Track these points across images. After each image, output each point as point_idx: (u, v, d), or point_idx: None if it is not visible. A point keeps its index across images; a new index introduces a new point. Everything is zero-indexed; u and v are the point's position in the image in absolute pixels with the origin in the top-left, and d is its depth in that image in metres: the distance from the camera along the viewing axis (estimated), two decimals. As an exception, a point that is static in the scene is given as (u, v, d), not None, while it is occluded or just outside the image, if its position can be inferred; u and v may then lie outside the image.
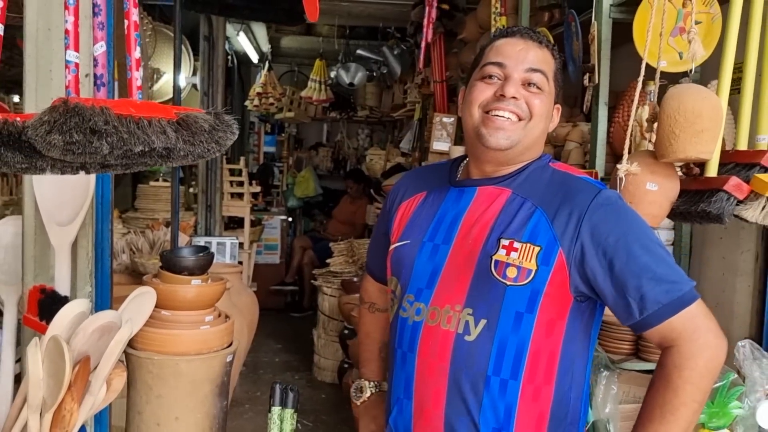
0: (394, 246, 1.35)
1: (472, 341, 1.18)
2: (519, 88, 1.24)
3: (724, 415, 1.39)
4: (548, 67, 1.27)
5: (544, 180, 1.25)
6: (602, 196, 1.19)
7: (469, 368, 1.18)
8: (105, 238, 1.87)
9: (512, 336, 1.17)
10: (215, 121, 1.28)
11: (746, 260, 2.29)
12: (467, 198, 1.28)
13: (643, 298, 1.10)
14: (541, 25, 3.14)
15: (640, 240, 1.14)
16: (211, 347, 1.98)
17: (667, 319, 1.10)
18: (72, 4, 1.26)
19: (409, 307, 1.27)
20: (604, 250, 1.13)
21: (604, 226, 1.15)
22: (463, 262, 1.22)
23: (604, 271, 1.13)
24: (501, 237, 1.19)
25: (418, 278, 1.27)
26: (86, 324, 1.46)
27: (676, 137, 1.40)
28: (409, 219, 1.36)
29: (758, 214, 1.39)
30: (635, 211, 1.21)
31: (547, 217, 1.18)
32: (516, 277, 1.16)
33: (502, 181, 1.26)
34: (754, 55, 1.50)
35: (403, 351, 1.27)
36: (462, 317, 1.19)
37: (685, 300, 1.11)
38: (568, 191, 1.20)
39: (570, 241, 1.15)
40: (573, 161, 2.77)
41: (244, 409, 4.00)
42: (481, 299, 1.18)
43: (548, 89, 1.26)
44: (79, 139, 1.14)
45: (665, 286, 1.10)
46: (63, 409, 1.42)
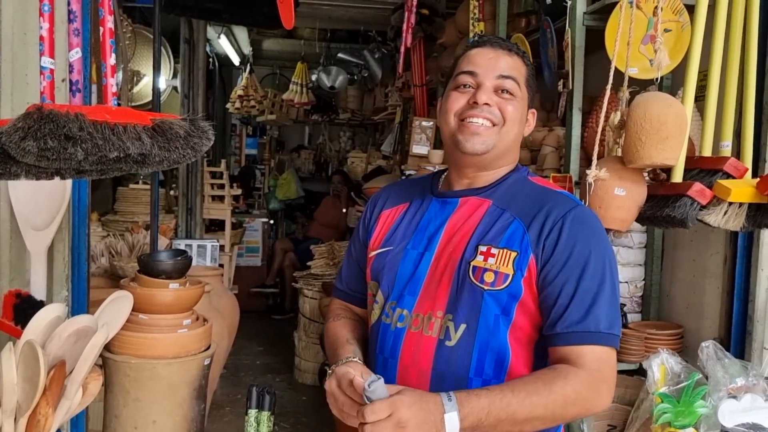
0: (376, 252, 1.37)
1: (452, 346, 1.21)
2: (491, 95, 1.27)
3: (689, 414, 1.43)
4: (519, 74, 1.30)
5: (524, 192, 1.28)
6: (580, 210, 1.23)
7: (450, 372, 1.21)
8: (82, 243, 1.87)
9: (492, 339, 1.20)
10: (191, 128, 1.30)
11: (715, 262, 2.35)
12: (450, 208, 1.31)
13: (561, 315, 1.14)
14: (518, 31, 3.18)
15: (603, 266, 1.16)
16: (189, 350, 1.99)
17: (573, 345, 1.13)
18: (47, 10, 1.26)
19: (392, 313, 1.29)
20: (567, 253, 1.16)
21: (575, 236, 1.18)
22: (444, 269, 1.25)
23: (561, 272, 1.16)
24: (479, 244, 1.22)
25: (401, 285, 1.29)
26: (62, 328, 1.46)
27: (643, 144, 1.44)
28: (391, 227, 1.38)
29: (720, 218, 1.44)
30: (608, 240, 1.24)
31: (524, 226, 1.21)
32: (493, 282, 1.19)
33: (482, 192, 1.29)
34: (718, 65, 1.55)
35: (385, 357, 1.29)
36: (443, 323, 1.22)
37: (599, 338, 1.13)
38: (546, 202, 1.23)
39: (540, 245, 1.19)
40: (548, 165, 2.82)
41: (225, 411, 4.00)
42: (460, 305, 1.21)
43: (520, 95, 1.29)
44: (54, 146, 1.15)
45: (592, 316, 1.13)
46: (38, 414, 1.42)
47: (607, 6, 2.25)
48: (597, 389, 1.13)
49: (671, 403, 1.43)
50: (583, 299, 1.14)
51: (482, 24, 3.54)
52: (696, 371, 1.47)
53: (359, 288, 1.43)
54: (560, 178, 2.34)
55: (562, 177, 2.31)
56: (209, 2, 3.27)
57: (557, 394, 1.11)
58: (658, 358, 1.52)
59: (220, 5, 3.31)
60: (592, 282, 1.15)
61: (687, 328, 2.44)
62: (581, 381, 1.12)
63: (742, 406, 1.33)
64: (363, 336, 1.40)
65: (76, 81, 1.35)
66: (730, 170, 1.46)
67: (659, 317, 2.61)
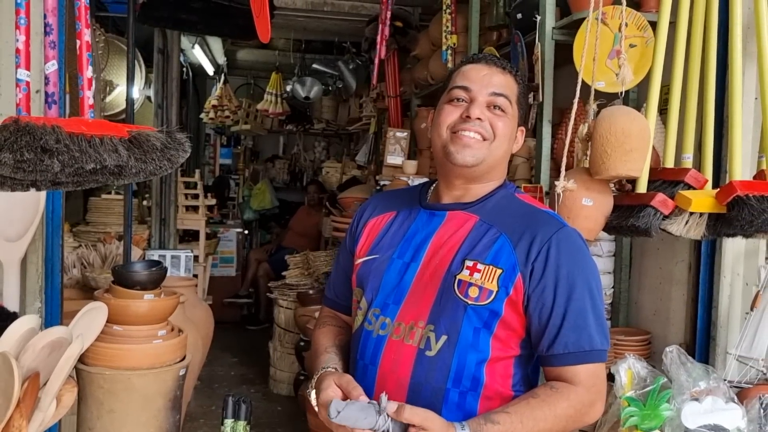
0: (362, 260, 1.39)
1: (432, 356, 1.23)
2: (483, 110, 1.30)
3: (655, 417, 1.48)
4: (511, 92, 1.34)
5: (511, 209, 1.31)
6: (566, 230, 1.26)
7: (428, 382, 1.23)
8: (55, 254, 1.87)
9: (471, 351, 1.22)
10: (167, 140, 1.32)
11: (681, 270, 2.42)
12: (437, 221, 1.33)
13: (556, 337, 1.19)
14: (490, 44, 3.25)
15: (588, 285, 1.21)
16: (164, 361, 2.00)
17: (570, 366, 1.19)
18: (23, 23, 1.28)
19: (375, 320, 1.31)
20: (555, 277, 1.19)
21: (562, 258, 1.21)
22: (429, 281, 1.27)
23: (547, 294, 1.19)
24: (466, 258, 1.25)
25: (385, 293, 1.31)
26: (36, 340, 1.46)
27: (608, 156, 1.50)
28: (377, 235, 1.40)
29: (682, 228, 1.49)
30: (592, 259, 1.28)
31: (511, 243, 1.24)
32: (477, 297, 1.21)
33: (470, 207, 1.32)
34: (679, 80, 1.61)
35: (365, 363, 1.31)
36: (424, 333, 1.24)
37: (592, 356, 1.19)
38: (533, 221, 1.26)
39: (529, 266, 1.22)
40: (520, 175, 2.88)
41: (199, 423, 3.96)
42: (442, 316, 1.23)
43: (511, 112, 1.33)
44: (30, 158, 1.16)
45: (584, 335, 1.18)
46: (11, 426, 1.41)
47: (575, 22, 2.31)
48: (593, 404, 1.20)
49: (638, 407, 1.48)
50: (575, 320, 1.19)
51: (455, 37, 3.60)
52: (661, 376, 1.52)
53: (346, 296, 1.45)
54: (531, 188, 2.39)
55: (533, 187, 2.36)
56: (184, 13, 3.28)
57: (561, 417, 1.16)
58: (625, 363, 1.57)
59: (196, 16, 3.33)
60: (581, 302, 1.19)
61: (654, 334, 2.51)
62: (581, 399, 1.18)
63: (704, 408, 1.38)
64: (347, 342, 1.42)
65: (52, 93, 1.36)
66: (691, 181, 1.52)
67: (628, 324, 2.68)
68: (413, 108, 4.54)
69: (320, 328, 1.48)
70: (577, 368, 1.18)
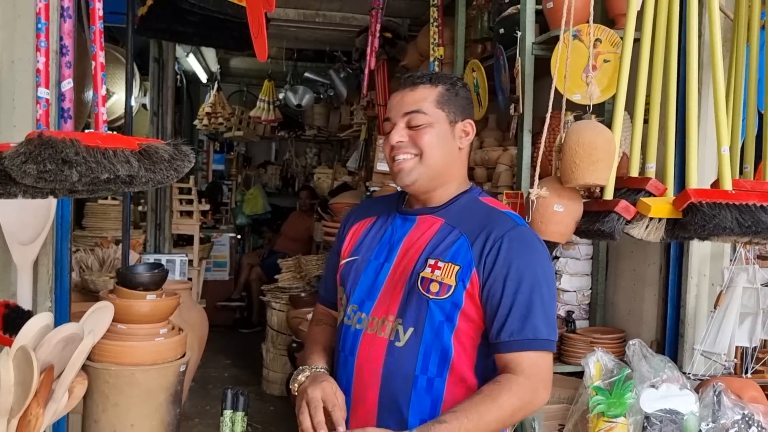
0: (345, 261, 1.52)
1: (401, 347, 1.36)
2: (403, 133, 1.41)
3: (620, 405, 1.61)
4: (425, 101, 1.41)
5: (473, 211, 1.41)
6: (518, 230, 1.36)
7: (399, 370, 1.35)
8: (64, 257, 1.98)
9: (436, 341, 1.34)
10: (174, 151, 1.45)
11: (652, 272, 2.56)
12: (409, 225, 1.45)
13: (504, 322, 1.30)
14: (475, 56, 3.39)
15: (536, 280, 1.31)
16: (166, 358, 2.11)
17: (514, 351, 1.29)
18: (43, 46, 1.40)
19: (353, 315, 1.44)
20: (507, 270, 1.31)
21: (512, 254, 1.32)
22: (399, 279, 1.40)
23: (497, 285, 1.31)
24: (429, 257, 1.37)
25: (362, 291, 1.44)
26: (51, 335, 1.58)
27: (577, 166, 1.64)
28: (358, 239, 1.52)
29: (643, 231, 1.63)
30: (547, 256, 1.38)
31: (469, 242, 1.35)
32: (438, 292, 1.34)
33: (437, 211, 1.44)
34: (642, 96, 1.76)
35: (345, 354, 1.44)
36: (394, 326, 1.37)
37: (536, 344, 1.29)
38: (490, 221, 1.37)
39: (482, 262, 1.34)
40: (503, 182, 3.02)
41: (194, 423, 4.07)
42: (409, 310, 1.36)
43: (433, 119, 1.40)
44: (52, 169, 1.28)
45: (529, 325, 1.28)
46: (29, 415, 1.53)
47: (553, 38, 2.45)
48: (536, 391, 1.30)
49: (604, 395, 1.62)
50: (521, 311, 1.29)
51: (442, 49, 3.74)
52: (626, 367, 1.66)
53: (335, 294, 1.58)
54: (513, 194, 2.53)
55: (514, 194, 2.50)
56: (181, 26, 3.40)
57: (505, 407, 1.27)
58: (594, 356, 1.71)
59: (192, 29, 3.44)
60: (527, 295, 1.30)
61: (629, 333, 2.65)
62: (522, 388, 1.28)
63: (660, 394, 1.52)
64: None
65: (68, 108, 1.49)
66: (651, 189, 1.66)
67: (604, 323, 2.82)
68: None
69: (316, 325, 1.62)
70: (521, 355, 1.28)
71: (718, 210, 1.53)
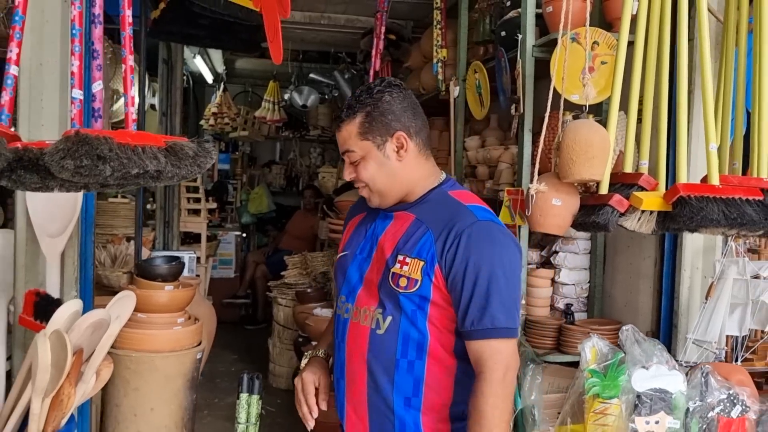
0: (338, 256, 1.63)
1: (382, 334, 1.46)
2: (351, 169, 1.51)
3: (614, 387, 1.71)
4: (350, 139, 1.48)
5: (441, 206, 1.48)
6: (480, 224, 1.41)
7: (381, 355, 1.46)
8: (88, 249, 2.10)
9: (412, 328, 1.44)
10: (198, 148, 1.55)
11: (647, 265, 2.67)
12: (388, 221, 1.53)
13: (467, 311, 1.38)
14: (477, 58, 3.50)
15: (492, 271, 1.37)
16: (183, 345, 2.23)
17: (478, 339, 1.38)
18: (77, 51, 1.51)
19: (342, 306, 1.55)
20: (466, 263, 1.38)
21: (470, 248, 1.38)
22: (377, 272, 1.50)
23: (458, 278, 1.39)
24: (398, 253, 1.46)
25: (348, 283, 1.55)
26: (81, 321, 1.69)
27: (573, 162, 1.74)
28: (350, 234, 1.63)
29: (635, 223, 1.74)
30: (511, 248, 1.43)
31: (433, 237, 1.42)
32: (406, 286, 1.42)
33: (411, 207, 1.51)
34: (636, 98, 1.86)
35: (338, 341, 1.56)
36: (375, 315, 1.47)
37: (495, 333, 1.37)
38: (454, 216, 1.43)
39: (444, 257, 1.40)
40: (504, 180, 3.13)
41: (203, 415, 4.18)
42: (387, 301, 1.46)
43: (362, 152, 1.47)
44: (88, 164, 1.39)
45: (488, 314, 1.36)
46: (62, 394, 1.64)
47: (552, 40, 2.55)
48: (503, 379, 1.37)
49: (599, 378, 1.72)
50: (479, 301, 1.37)
51: (445, 50, 3.85)
52: (620, 352, 1.76)
53: None
54: (514, 191, 2.64)
55: (515, 190, 2.61)
56: (192, 29, 3.51)
57: (491, 413, 1.35)
58: (589, 342, 1.81)
59: (203, 31, 3.55)
60: (485, 287, 1.36)
61: (625, 324, 2.71)
62: (490, 384, 1.36)
63: (650, 374, 1.62)
64: None
65: (98, 108, 1.59)
66: (643, 184, 1.77)
67: (602, 315, 2.92)
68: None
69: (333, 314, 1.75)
70: (482, 344, 1.37)
71: (706, 203, 1.64)
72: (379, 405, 1.46)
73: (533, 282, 2.94)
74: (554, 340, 2.78)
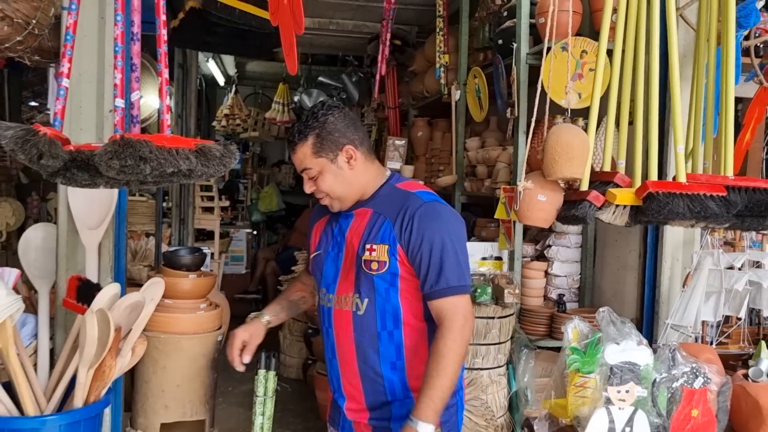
0: (313, 255, 1.85)
1: (362, 314, 1.69)
2: (310, 183, 1.73)
3: (592, 363, 1.91)
4: (305, 158, 1.70)
5: (391, 197, 1.72)
6: (427, 205, 1.67)
7: (365, 331, 1.70)
8: (121, 240, 2.32)
9: (387, 304, 1.68)
10: (224, 150, 1.77)
11: (633, 258, 2.88)
12: (350, 219, 1.75)
13: (426, 277, 1.63)
14: (477, 64, 3.70)
15: (443, 240, 1.63)
16: (206, 328, 2.45)
17: (438, 298, 1.63)
18: (120, 65, 1.73)
19: (324, 296, 1.78)
20: (420, 239, 1.63)
21: (422, 226, 1.64)
22: (350, 264, 1.72)
23: (416, 252, 1.64)
24: (366, 243, 1.69)
25: (326, 277, 1.77)
26: (120, 302, 1.92)
27: (556, 162, 1.95)
28: (319, 236, 1.84)
29: (610, 216, 1.94)
30: (455, 221, 1.69)
31: (391, 224, 1.67)
32: (378, 268, 1.67)
33: (367, 204, 1.74)
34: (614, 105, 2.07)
35: (326, 327, 1.79)
36: (353, 300, 1.71)
37: (449, 291, 1.62)
38: (404, 203, 1.68)
39: (402, 237, 1.65)
40: (501, 178, 3.34)
41: (219, 401, 4.39)
42: (362, 286, 1.69)
43: (319, 168, 1.69)
44: (131, 164, 1.61)
45: (443, 277, 1.62)
46: (104, 366, 1.87)
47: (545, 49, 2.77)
48: (462, 327, 1.62)
49: (579, 355, 1.92)
50: (435, 268, 1.62)
51: (447, 56, 4.06)
52: (598, 331, 1.96)
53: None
54: (509, 189, 2.85)
55: (510, 188, 2.82)
56: (209, 36, 3.73)
57: (447, 354, 1.59)
58: (572, 323, 2.00)
59: (218, 39, 3.78)
60: (438, 255, 1.62)
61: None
62: (451, 331, 1.61)
63: (620, 348, 1.82)
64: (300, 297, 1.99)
65: (136, 115, 1.82)
66: (618, 181, 1.97)
67: (592, 304, 3.13)
68: (411, 118, 4.99)
69: (294, 280, 2.04)
70: (441, 301, 1.63)
71: (672, 198, 1.84)
72: (369, 373, 1.71)
73: (528, 274, 3.15)
74: (547, 327, 2.99)
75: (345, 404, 1.78)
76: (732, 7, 2.11)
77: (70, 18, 1.72)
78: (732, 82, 2.08)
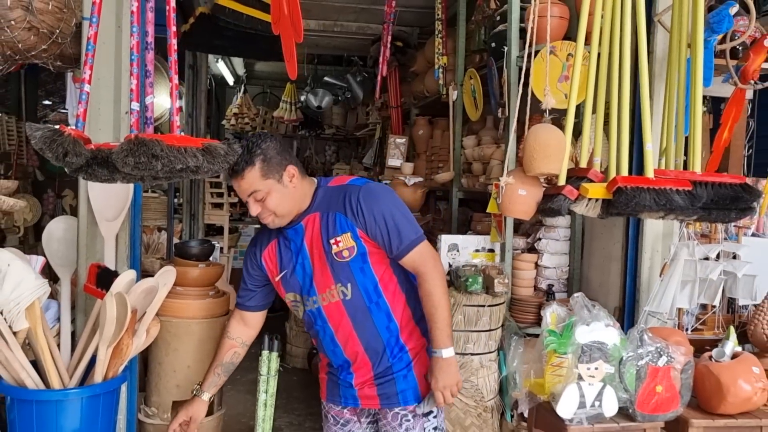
0: (279, 277, 2.00)
1: (350, 299, 1.91)
2: (256, 206, 1.90)
3: (567, 345, 2.08)
4: (254, 182, 1.88)
5: (329, 195, 1.93)
6: (365, 187, 1.90)
7: (357, 310, 1.92)
8: (136, 232, 2.51)
9: (366, 280, 1.90)
10: (227, 148, 1.95)
11: (617, 249, 3.04)
12: (300, 230, 1.94)
13: (390, 243, 1.87)
14: (473, 65, 3.87)
15: (390, 210, 1.87)
16: (214, 313, 2.64)
17: (407, 254, 1.88)
18: (135, 72, 1.92)
19: (308, 302, 1.96)
20: (373, 216, 1.86)
21: (370, 203, 1.86)
22: (321, 263, 1.92)
23: (374, 227, 1.86)
24: (329, 239, 1.89)
25: (303, 286, 1.95)
26: (136, 286, 2.11)
27: (534, 159, 2.12)
28: (277, 258, 2.00)
29: (584, 209, 2.11)
30: (388, 191, 1.94)
31: (344, 214, 1.88)
32: (349, 254, 1.88)
33: (311, 211, 1.93)
34: (590, 106, 2.23)
35: (320, 326, 1.98)
36: (338, 290, 1.91)
37: (414, 243, 1.88)
38: (346, 194, 1.89)
39: (358, 220, 1.86)
40: (495, 175, 3.49)
41: (227, 389, 4.58)
42: (341, 276, 1.90)
43: (267, 188, 1.88)
44: (145, 161, 1.79)
45: (403, 236, 1.87)
46: (122, 344, 2.06)
47: (535, 52, 2.93)
48: (435, 265, 1.90)
49: (556, 336, 2.09)
50: (392, 231, 1.86)
51: (445, 58, 4.22)
52: (574, 316, 2.13)
53: (252, 302, 2.14)
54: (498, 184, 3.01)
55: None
56: (218, 40, 3.92)
57: (435, 290, 1.87)
58: (550, 308, 2.18)
59: (227, 42, 3.96)
60: (390, 222, 1.86)
61: (600, 302, 3.11)
62: (427, 272, 1.88)
63: (590, 329, 1.99)
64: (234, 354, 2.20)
65: (150, 117, 2.00)
66: (592, 177, 2.14)
67: (579, 294, 3.29)
68: (412, 117, 5.16)
69: (223, 338, 2.20)
70: (410, 254, 1.88)
71: (639, 192, 2.00)
72: (371, 341, 1.93)
73: (518, 265, 3.31)
74: (536, 316, 3.16)
75: (354, 379, 1.99)
76: (700, 13, 2.27)
77: (91, 29, 1.91)
78: (700, 84, 2.24)
